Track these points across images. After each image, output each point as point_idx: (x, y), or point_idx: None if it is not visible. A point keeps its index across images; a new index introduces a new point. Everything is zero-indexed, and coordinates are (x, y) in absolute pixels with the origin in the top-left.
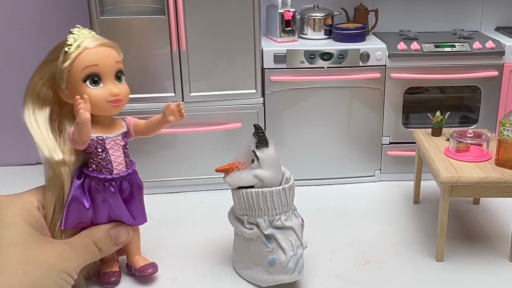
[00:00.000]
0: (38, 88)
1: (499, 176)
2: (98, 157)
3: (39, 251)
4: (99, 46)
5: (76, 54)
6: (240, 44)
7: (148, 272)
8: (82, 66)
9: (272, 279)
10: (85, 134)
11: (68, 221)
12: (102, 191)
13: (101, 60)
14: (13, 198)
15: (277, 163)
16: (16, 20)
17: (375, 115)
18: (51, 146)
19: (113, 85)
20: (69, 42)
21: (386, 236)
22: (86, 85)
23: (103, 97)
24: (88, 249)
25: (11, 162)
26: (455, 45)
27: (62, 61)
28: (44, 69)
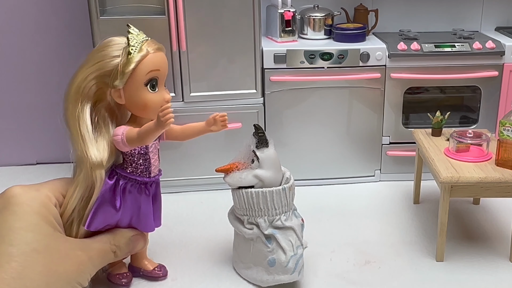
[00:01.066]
0: (85, 84)
1: (499, 176)
2: (140, 160)
3: (60, 261)
4: (158, 50)
5: (140, 57)
6: (240, 44)
7: (161, 273)
8: (147, 70)
9: (272, 279)
10: (153, 139)
11: (94, 222)
12: (137, 194)
13: (162, 65)
14: (33, 193)
15: (277, 163)
16: (16, 20)
17: (375, 115)
18: (89, 145)
19: (164, 90)
20: (132, 43)
21: (386, 236)
22: (146, 89)
23: (159, 102)
24: (105, 257)
25: (11, 162)
26: (455, 45)
27: (125, 63)
28: (94, 66)
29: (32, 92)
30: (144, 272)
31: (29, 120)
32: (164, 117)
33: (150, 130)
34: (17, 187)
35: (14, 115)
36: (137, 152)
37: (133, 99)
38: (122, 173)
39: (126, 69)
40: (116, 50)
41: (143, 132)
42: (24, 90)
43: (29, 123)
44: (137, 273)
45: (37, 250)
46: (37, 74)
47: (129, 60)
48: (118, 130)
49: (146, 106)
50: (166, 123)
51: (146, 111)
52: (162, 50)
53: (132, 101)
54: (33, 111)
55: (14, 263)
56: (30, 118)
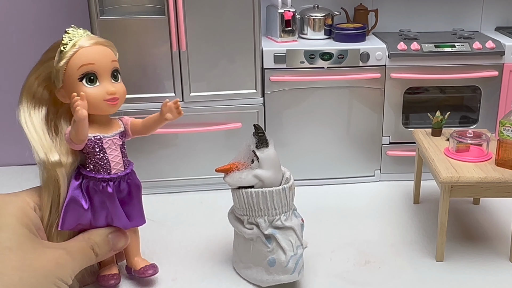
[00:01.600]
0: (33, 89)
1: (499, 176)
2: (95, 157)
3: (35, 257)
4: (95, 44)
5: (71, 53)
6: (240, 44)
7: (148, 273)
8: (78, 65)
9: (272, 279)
10: (82, 132)
11: (66, 222)
12: (100, 192)
13: (97, 58)
14: (9, 198)
15: (277, 163)
16: (16, 20)
17: (375, 115)
18: (46, 147)
19: (110, 84)
20: (64, 41)
21: (386, 236)
22: (82, 84)
23: (100, 95)
24: (85, 254)
25: (11, 162)
26: (455, 45)
27: (57, 60)
28: (39, 69)
29: None
30: (134, 271)
31: None
32: (72, 107)
33: (73, 124)
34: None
35: (14, 115)
36: (92, 149)
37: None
38: (83, 172)
39: (58, 66)
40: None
41: (72, 127)
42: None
43: None
44: (130, 272)
45: (10, 247)
46: None
47: (61, 57)
48: (68, 129)
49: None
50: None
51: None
52: (101, 44)
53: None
54: None
55: None
56: None
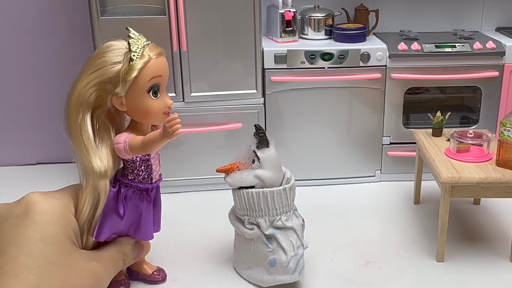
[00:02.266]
0: (84, 92)
1: (500, 176)
2: (141, 167)
3: (77, 275)
4: (159, 55)
5: (142, 64)
6: (241, 44)
7: (160, 277)
8: (149, 77)
9: (273, 279)
10: (157, 149)
11: (103, 232)
12: (139, 201)
13: (163, 71)
14: (54, 202)
15: (277, 163)
16: (16, 20)
17: (376, 115)
18: (93, 156)
19: (166, 96)
20: (133, 48)
21: (387, 236)
22: (149, 95)
23: (162, 108)
24: (117, 265)
25: (11, 162)
26: (455, 46)
27: (127, 70)
28: (94, 73)
29: (32, 92)
30: (143, 276)
31: (29, 120)
32: (171, 128)
33: (155, 140)
34: (37, 194)
35: (14, 115)
36: (139, 159)
37: (135, 106)
38: (123, 180)
39: (129, 76)
40: (117, 56)
41: (147, 142)
42: (24, 90)
43: (29, 123)
44: (135, 276)
45: (55, 263)
46: (37, 74)
47: (131, 67)
48: (120, 137)
49: (148, 113)
50: (173, 134)
51: (148, 117)
52: (163, 55)
53: (134, 108)
54: (33, 111)
55: (31, 276)
56: (30, 118)
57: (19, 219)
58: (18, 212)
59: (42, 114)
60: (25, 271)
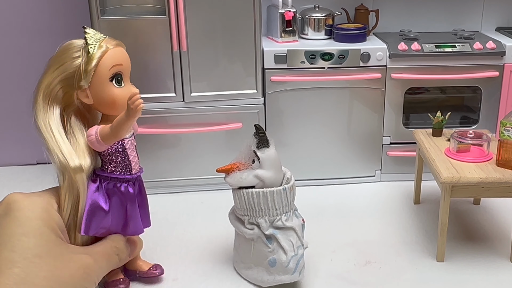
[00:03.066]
0: (49, 90)
1: (500, 176)
2: (118, 158)
3: (64, 265)
4: (117, 46)
5: (100, 54)
6: (241, 44)
7: (158, 272)
8: (109, 65)
9: (273, 279)
10: (126, 132)
11: (90, 227)
12: (121, 193)
13: (124, 60)
14: (35, 199)
15: (277, 163)
16: (16, 20)
17: (376, 115)
18: (66, 151)
19: (131, 86)
20: (90, 41)
21: (387, 236)
22: (112, 84)
23: (127, 96)
24: (110, 261)
25: (11, 162)
26: (455, 46)
27: (86, 61)
28: (56, 71)
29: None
30: (140, 273)
31: (29, 120)
32: (133, 104)
33: (122, 121)
34: (18, 193)
35: (14, 115)
36: (115, 150)
37: (100, 97)
38: (103, 174)
39: (89, 66)
40: (76, 52)
41: (115, 126)
42: (25, 90)
43: (29, 123)
44: (133, 276)
45: (39, 255)
46: (37, 74)
47: (90, 58)
48: (91, 130)
49: (114, 102)
50: (136, 109)
51: (115, 107)
52: (121, 46)
53: (100, 99)
54: None
55: (16, 269)
56: (30, 118)
57: (1, 218)
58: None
59: None
60: (9, 265)
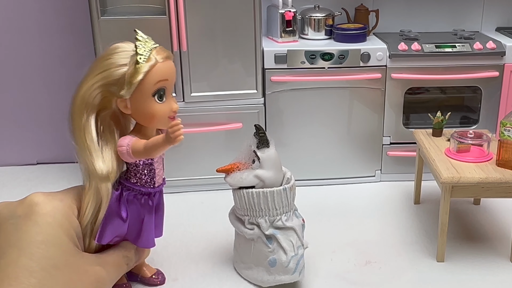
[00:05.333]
0: (88, 93)
1: (500, 176)
2: (144, 170)
3: (78, 278)
4: (166, 59)
5: (148, 67)
6: (241, 44)
7: (159, 281)
8: (155, 80)
9: (273, 279)
10: (160, 153)
11: (105, 235)
12: (140, 205)
13: (170, 75)
14: (56, 203)
15: (278, 163)
16: (16, 20)
17: (376, 115)
18: (95, 159)
19: (172, 100)
20: (140, 51)
21: (387, 236)
22: (154, 99)
23: (167, 112)
24: (120, 269)
25: (11, 162)
26: (455, 46)
27: (133, 72)
28: (100, 74)
29: (32, 92)
30: (141, 278)
31: (29, 120)
32: (173, 134)
33: (157, 144)
34: (40, 195)
35: (14, 115)
36: (142, 163)
37: (140, 109)
38: (126, 184)
39: (134, 79)
40: (123, 58)
41: (150, 146)
42: (25, 90)
43: (29, 123)
44: (135, 279)
45: (57, 266)
46: (37, 74)
47: (137, 70)
48: (123, 140)
49: (153, 117)
50: (175, 139)
51: (153, 121)
52: (170, 58)
53: (139, 111)
54: (33, 111)
55: (33, 279)
56: (30, 118)
57: (21, 220)
58: (20, 213)
59: (42, 114)
60: (26, 274)
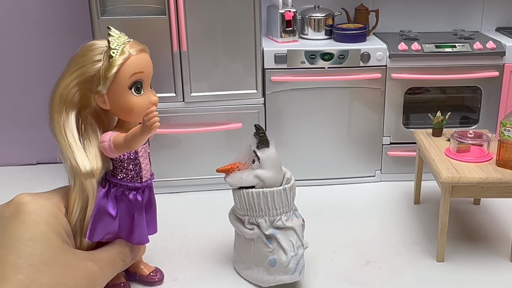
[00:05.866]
0: (66, 92)
1: (500, 176)
2: (130, 165)
3: (69, 273)
4: (140, 52)
5: (122, 60)
6: (241, 44)
7: (157, 278)
8: (130, 73)
9: (273, 279)
10: (140, 144)
11: (95, 233)
12: (129, 201)
13: (145, 67)
14: (43, 202)
15: (278, 163)
16: (16, 20)
17: (376, 115)
18: (78, 156)
19: (150, 93)
20: (113, 46)
21: (387, 236)
22: (131, 92)
23: (146, 105)
24: (114, 267)
25: (11, 162)
26: (455, 46)
27: (107, 66)
28: (75, 73)
29: (32, 92)
30: (140, 277)
31: (29, 120)
32: (149, 121)
33: (136, 135)
34: (26, 195)
35: (14, 115)
36: (127, 158)
37: (118, 103)
38: (113, 180)
39: (109, 73)
40: (98, 55)
41: (129, 138)
42: (24, 90)
43: (29, 123)
44: (133, 277)
45: (45, 262)
46: (37, 74)
47: (111, 64)
48: (105, 136)
49: (132, 110)
50: (151, 127)
51: (132, 115)
52: (145, 51)
53: (117, 105)
54: (33, 111)
55: (21, 276)
56: (30, 118)
57: (8, 221)
58: (7, 214)
59: (42, 114)
60: (14, 271)
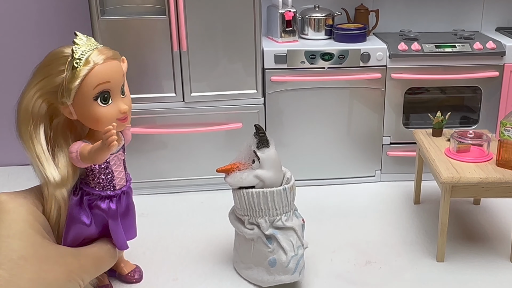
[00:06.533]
0: (32, 103)
1: (500, 176)
2: (101, 175)
3: (49, 268)
4: (107, 60)
5: (86, 71)
6: (241, 44)
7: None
8: (94, 84)
9: (273, 279)
10: (103, 159)
11: (69, 241)
12: (101, 210)
13: (112, 76)
14: (19, 200)
15: (278, 163)
16: (16, 20)
17: (376, 115)
18: (47, 166)
19: (120, 101)
20: (76, 55)
21: (387, 236)
22: (97, 103)
23: (114, 115)
24: (102, 263)
25: (11, 162)
26: (455, 46)
27: (70, 77)
28: (39, 83)
29: None
30: (118, 275)
31: None
32: (106, 140)
33: (97, 150)
34: (3, 194)
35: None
36: (98, 167)
37: (84, 114)
38: (85, 188)
39: (71, 85)
40: (62, 64)
41: (92, 152)
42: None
43: None
44: (113, 274)
45: (25, 257)
46: None
47: (74, 75)
48: (73, 146)
49: (98, 121)
50: (108, 147)
51: (100, 125)
52: (115, 58)
53: (83, 116)
54: None
55: (1, 271)
56: None
57: None
58: None
59: None
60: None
